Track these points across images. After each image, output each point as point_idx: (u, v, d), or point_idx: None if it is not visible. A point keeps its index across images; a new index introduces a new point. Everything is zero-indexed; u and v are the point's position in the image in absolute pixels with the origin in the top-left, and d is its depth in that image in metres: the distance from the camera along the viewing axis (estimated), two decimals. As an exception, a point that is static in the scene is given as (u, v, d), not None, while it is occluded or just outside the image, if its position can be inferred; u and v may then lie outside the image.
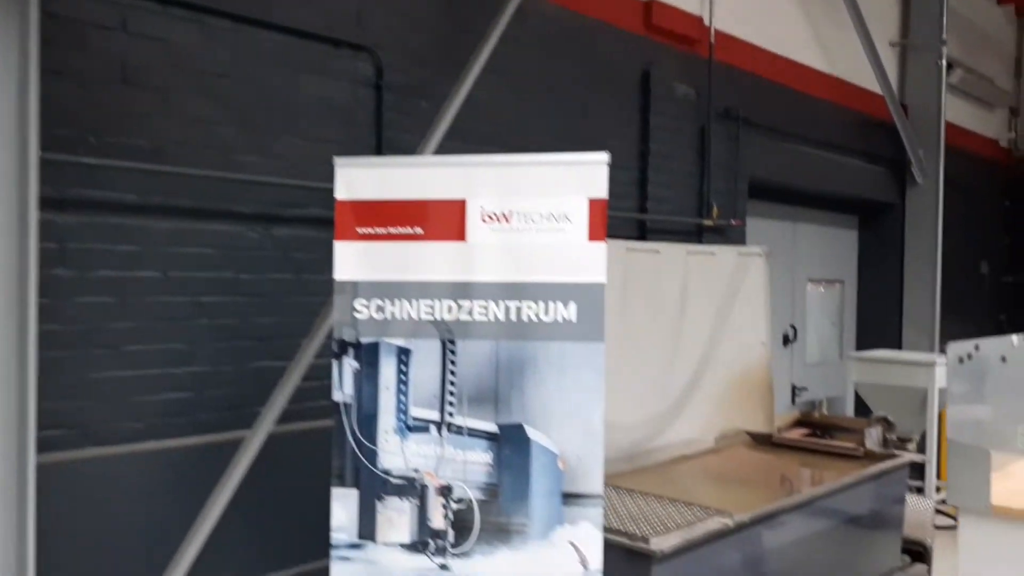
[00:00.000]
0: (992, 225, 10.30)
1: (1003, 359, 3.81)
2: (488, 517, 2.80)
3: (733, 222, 5.60)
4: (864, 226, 8.24)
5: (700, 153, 5.49)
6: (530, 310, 2.77)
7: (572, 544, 2.76)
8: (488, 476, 2.82)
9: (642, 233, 5.13)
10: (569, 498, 2.77)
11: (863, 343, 8.17)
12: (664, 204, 5.27)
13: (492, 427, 2.81)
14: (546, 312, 2.76)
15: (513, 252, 2.77)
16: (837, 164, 7.04)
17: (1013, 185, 10.56)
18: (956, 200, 8.45)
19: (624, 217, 5.02)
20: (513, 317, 2.77)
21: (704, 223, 5.43)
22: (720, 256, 5.56)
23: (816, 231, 7.56)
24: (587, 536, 2.76)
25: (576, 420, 2.76)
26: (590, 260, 2.74)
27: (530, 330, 2.77)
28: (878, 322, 8.02)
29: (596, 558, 2.75)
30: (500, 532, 2.80)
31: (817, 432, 5.60)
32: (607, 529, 3.23)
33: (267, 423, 3.12)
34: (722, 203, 5.60)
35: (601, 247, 2.74)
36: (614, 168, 2.73)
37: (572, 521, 2.76)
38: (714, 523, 3.37)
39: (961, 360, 3.51)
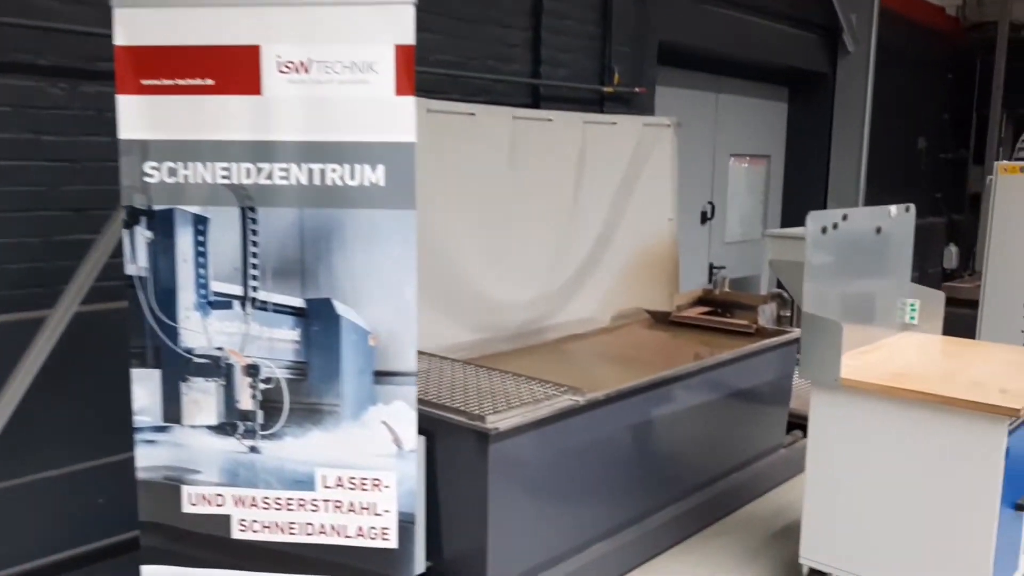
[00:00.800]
0: (933, 99, 10.02)
1: (878, 230, 3.63)
2: (298, 397, 2.62)
3: (637, 90, 5.27)
4: (794, 98, 7.93)
5: (603, 13, 5.10)
6: (335, 173, 2.50)
7: (385, 424, 2.60)
8: (296, 354, 2.61)
9: (535, 100, 4.79)
10: (381, 376, 2.58)
11: (789, 221, 8.02)
12: (560, 69, 4.91)
13: (299, 302, 2.58)
14: (352, 175, 2.49)
15: (314, 107, 2.47)
16: (763, 29, 6.65)
17: (958, 57, 10.22)
18: (893, 72, 8.13)
19: (513, 82, 4.67)
20: (317, 181, 2.50)
21: (604, 90, 5.10)
22: (623, 127, 5.25)
23: (741, 103, 7.25)
24: (401, 415, 2.59)
25: (387, 294, 2.54)
26: (398, 116, 2.45)
27: (335, 195, 2.50)
28: (805, 199, 7.84)
29: (410, 438, 2.59)
30: (311, 413, 2.62)
31: (718, 310, 5.49)
32: (446, 408, 3.10)
33: (71, 301, 2.87)
34: (627, 69, 5.25)
35: (409, 102, 2.44)
36: (499, 27, 2.40)
37: (385, 400, 2.59)
38: (563, 401, 3.23)
39: (824, 230, 3.32)
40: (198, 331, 2.61)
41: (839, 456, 3.26)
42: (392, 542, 2.64)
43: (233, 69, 2.47)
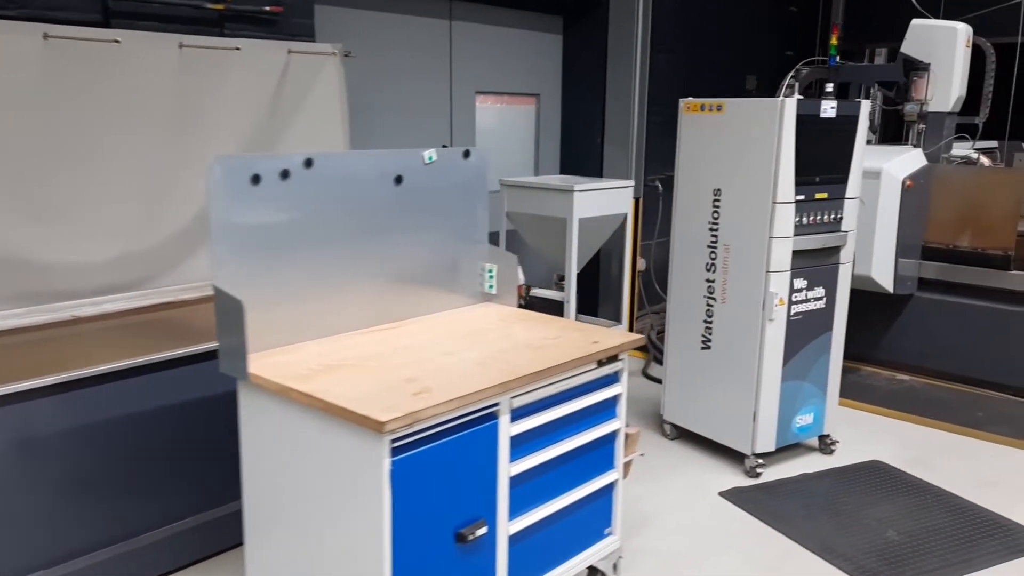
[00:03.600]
0: (773, 33, 9.23)
1: (398, 180, 2.90)
2: None
3: (268, 8, 4.43)
4: (570, 29, 7.11)
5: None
6: None
7: None
8: None
9: (104, 17, 3.93)
10: None
11: (569, 167, 7.27)
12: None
13: None
14: None
15: None
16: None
17: (800, -12, 9.42)
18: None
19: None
20: None
21: (209, 7, 4.24)
22: (251, 54, 4.44)
23: (489, 33, 6.42)
24: None
25: None
26: None
27: None
28: (585, 142, 7.09)
29: None
30: None
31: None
32: None
33: None
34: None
35: None
36: None
37: None
38: None
39: (258, 180, 2.58)
40: None
41: (261, 461, 2.58)
42: None
43: None
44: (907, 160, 5.62)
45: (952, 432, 5.06)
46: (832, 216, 4.34)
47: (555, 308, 5.99)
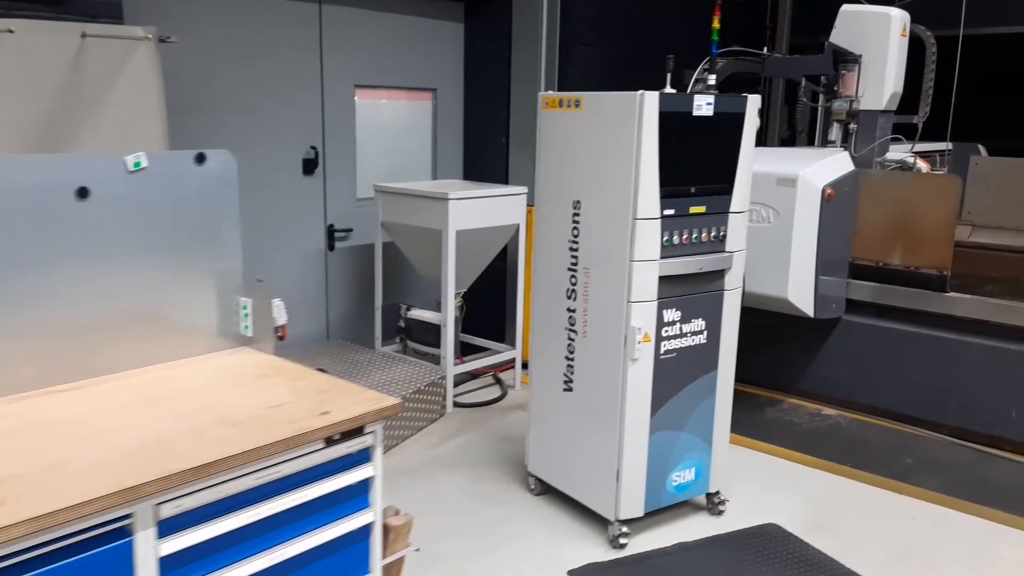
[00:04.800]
0: (710, 25, 8.49)
1: (83, 193, 2.16)
2: None
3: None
4: (471, 17, 6.37)
5: None
6: None
7: None
8: None
9: None
10: None
11: (472, 168, 6.54)
12: None
13: None
14: None
15: None
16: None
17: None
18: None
19: None
20: None
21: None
22: (32, 37, 3.74)
23: (374, 19, 5.68)
24: None
25: None
26: None
27: None
28: (489, 141, 6.36)
29: None
30: None
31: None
32: None
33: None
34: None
35: None
36: None
37: None
38: None
39: None
40: None
41: None
42: None
43: None
44: (829, 165, 4.90)
45: (871, 484, 4.34)
46: (713, 234, 3.61)
47: (435, 333, 5.27)
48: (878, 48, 5.18)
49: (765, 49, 5.78)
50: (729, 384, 3.86)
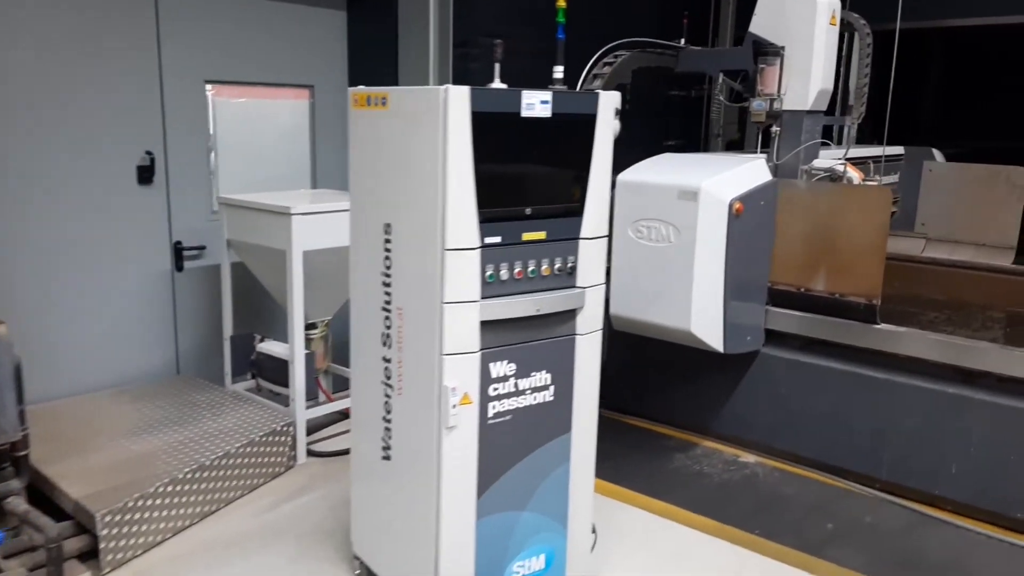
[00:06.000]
0: (650, 16, 7.75)
1: None
2: None
3: None
4: (355, 2, 5.62)
5: None
6: None
7: None
8: None
9: None
10: None
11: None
12: None
13: None
14: None
15: None
16: None
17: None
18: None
19: None
20: None
21: None
22: None
23: (228, 4, 4.93)
24: None
25: None
26: None
27: None
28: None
29: None
30: None
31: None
32: None
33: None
34: None
35: None
36: None
37: None
38: None
39: None
40: None
41: None
42: None
43: None
44: (739, 175, 4.16)
45: (777, 559, 3.60)
46: (557, 266, 2.87)
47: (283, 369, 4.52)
48: (802, 38, 4.46)
49: (682, 40, 5.05)
50: (589, 447, 3.12)
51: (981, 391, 3.82)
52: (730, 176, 4.10)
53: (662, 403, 4.94)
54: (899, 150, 6.29)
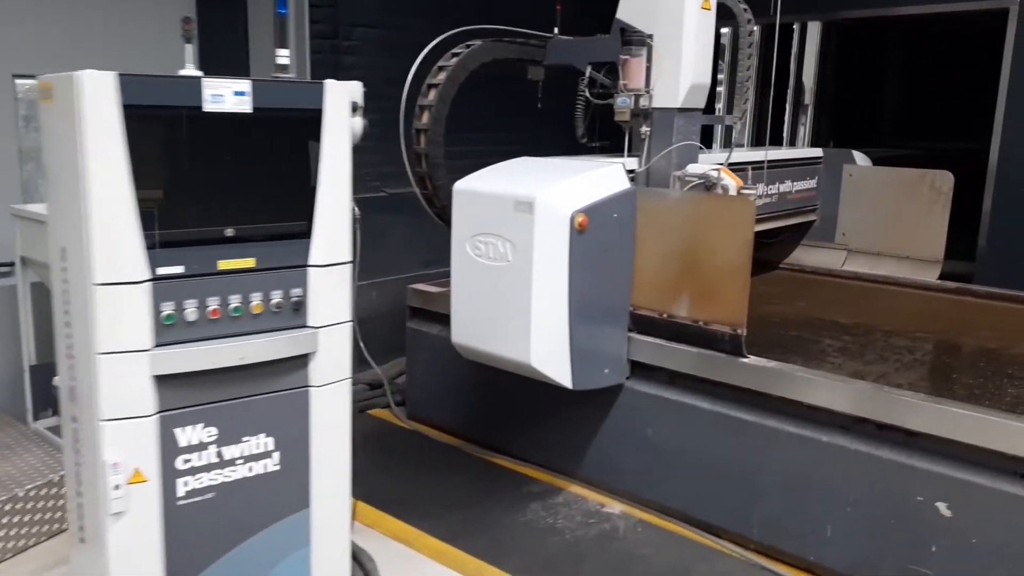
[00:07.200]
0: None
1: None
2: None
3: None
4: (200, -9, 5.03)
5: None
6: None
7: None
8: None
9: None
10: None
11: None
12: None
13: None
14: None
15: None
16: None
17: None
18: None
19: None
20: None
21: None
22: None
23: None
24: None
25: None
26: None
27: None
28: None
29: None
30: None
31: None
32: None
33: None
34: None
35: None
36: None
37: None
38: None
39: None
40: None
41: None
42: None
43: None
44: (587, 183, 3.55)
45: (608, 644, 3.01)
46: (275, 301, 2.27)
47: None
48: (671, 24, 3.87)
49: (556, 30, 4.45)
50: (337, 523, 2.51)
51: (858, 441, 3.22)
52: (571, 184, 3.49)
53: (532, 442, 4.33)
54: (817, 152, 5.72)
